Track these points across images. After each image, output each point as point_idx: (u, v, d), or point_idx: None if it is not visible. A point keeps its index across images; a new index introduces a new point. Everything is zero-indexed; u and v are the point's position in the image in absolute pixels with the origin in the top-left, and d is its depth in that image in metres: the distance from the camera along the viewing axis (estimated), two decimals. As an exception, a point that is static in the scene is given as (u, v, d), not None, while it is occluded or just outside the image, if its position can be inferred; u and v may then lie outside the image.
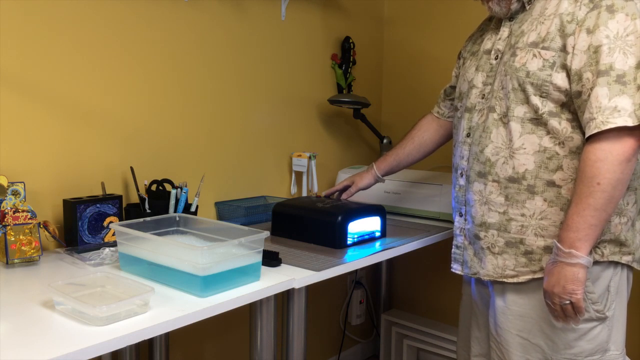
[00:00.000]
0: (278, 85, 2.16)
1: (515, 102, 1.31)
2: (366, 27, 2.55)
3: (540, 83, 1.26)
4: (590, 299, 1.27)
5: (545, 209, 1.30)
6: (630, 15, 1.17)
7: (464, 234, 1.47)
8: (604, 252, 1.28)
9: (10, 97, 1.46)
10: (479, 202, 1.40)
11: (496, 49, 1.40)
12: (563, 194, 1.28)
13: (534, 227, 1.31)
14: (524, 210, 1.32)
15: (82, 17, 1.57)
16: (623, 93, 1.14)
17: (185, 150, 1.86)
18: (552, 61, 1.25)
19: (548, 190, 1.29)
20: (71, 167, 1.58)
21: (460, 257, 1.50)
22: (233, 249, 1.25)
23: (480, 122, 1.40)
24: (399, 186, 2.07)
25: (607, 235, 1.27)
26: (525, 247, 1.33)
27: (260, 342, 1.34)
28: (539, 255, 1.31)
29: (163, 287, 1.21)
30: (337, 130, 2.45)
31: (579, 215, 1.18)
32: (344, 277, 2.56)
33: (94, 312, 1.00)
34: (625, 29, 1.17)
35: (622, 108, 1.14)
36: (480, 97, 1.42)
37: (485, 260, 1.40)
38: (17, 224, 1.35)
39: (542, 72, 1.26)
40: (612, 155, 1.15)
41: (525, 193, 1.32)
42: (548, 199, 1.29)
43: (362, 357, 2.72)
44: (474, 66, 1.46)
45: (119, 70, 1.67)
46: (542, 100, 1.27)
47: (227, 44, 1.96)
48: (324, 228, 1.60)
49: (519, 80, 1.30)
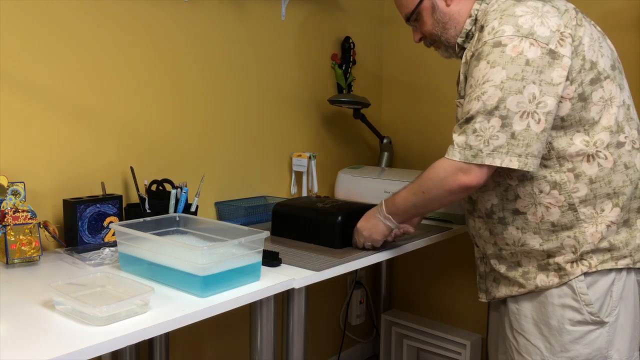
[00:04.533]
0: (278, 85, 2.16)
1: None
2: (366, 27, 2.55)
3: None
4: (584, 300, 1.27)
5: (520, 236, 1.34)
6: (490, 62, 1.22)
7: (484, 262, 1.51)
8: (591, 262, 1.27)
9: (10, 97, 1.46)
10: (477, 236, 1.48)
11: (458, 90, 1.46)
12: (530, 219, 1.32)
13: (521, 252, 1.36)
14: (506, 239, 1.37)
15: (82, 17, 1.57)
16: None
17: (186, 150, 1.86)
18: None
19: (516, 219, 1.34)
20: (71, 167, 1.58)
21: (483, 285, 1.53)
22: (233, 249, 1.25)
23: None
24: (399, 186, 2.06)
25: (587, 247, 1.27)
26: (523, 269, 1.37)
27: (260, 342, 1.34)
28: (534, 274, 1.35)
29: (163, 287, 1.21)
30: (337, 130, 2.45)
31: (404, 200, 1.41)
32: (344, 277, 2.56)
33: (94, 312, 1.00)
34: (483, 77, 1.22)
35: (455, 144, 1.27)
36: None
37: (500, 285, 1.45)
38: (17, 224, 1.35)
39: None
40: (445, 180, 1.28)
41: (500, 225, 1.38)
42: (519, 226, 1.34)
43: (362, 357, 2.72)
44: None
45: (119, 70, 1.67)
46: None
47: (227, 44, 1.96)
48: (324, 228, 1.60)
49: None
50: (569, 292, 1.29)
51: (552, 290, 1.31)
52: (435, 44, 1.50)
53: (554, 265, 1.31)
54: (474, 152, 1.23)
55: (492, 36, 1.23)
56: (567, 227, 1.29)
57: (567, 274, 1.29)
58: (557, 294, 1.30)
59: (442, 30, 1.43)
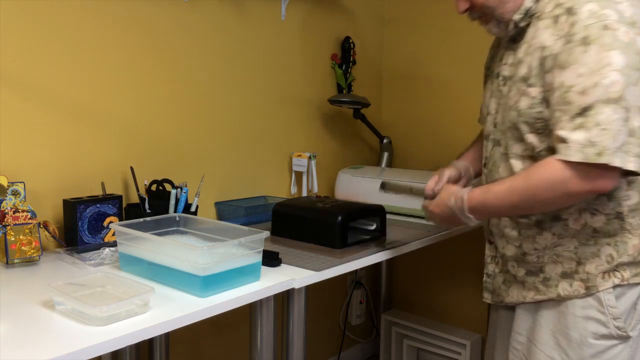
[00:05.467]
0: (278, 85, 2.16)
1: (512, 139, 1.27)
2: (366, 27, 2.55)
3: (533, 121, 1.21)
4: (612, 313, 1.21)
5: (556, 241, 1.26)
6: (606, 46, 1.08)
7: (495, 262, 1.43)
8: (624, 275, 1.21)
9: (10, 97, 1.46)
10: (497, 235, 1.38)
11: (502, 75, 1.33)
12: (571, 226, 1.23)
13: (549, 255, 1.27)
14: (536, 244, 1.28)
15: (82, 17, 1.57)
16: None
17: (186, 150, 1.86)
18: (540, 97, 1.19)
19: (555, 225, 1.25)
20: (71, 167, 1.58)
21: (490, 285, 1.45)
22: (233, 249, 1.25)
23: (491, 153, 1.36)
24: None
25: (625, 258, 1.21)
26: (544, 275, 1.29)
27: (260, 342, 1.34)
28: (555, 281, 1.27)
29: (163, 287, 1.21)
30: (337, 130, 2.45)
31: (500, 200, 1.21)
32: (344, 277, 2.56)
33: (94, 312, 1.00)
34: (599, 61, 1.07)
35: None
36: (492, 125, 1.36)
37: (512, 288, 1.38)
38: (17, 224, 1.35)
39: (532, 109, 1.20)
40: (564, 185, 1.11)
41: (534, 228, 1.28)
42: (557, 232, 1.25)
43: (362, 357, 2.72)
44: (490, 90, 1.40)
45: (119, 70, 1.67)
46: (538, 137, 1.21)
47: (227, 44, 1.96)
48: (324, 228, 1.60)
49: (512, 119, 1.25)
50: (594, 303, 1.22)
51: (574, 301, 1.24)
52: (484, 17, 1.33)
53: (583, 275, 1.23)
54: (598, 150, 1.06)
55: (596, 19, 1.09)
56: (609, 235, 1.21)
57: (595, 285, 1.21)
58: (581, 305, 1.23)
59: (498, 3, 1.26)
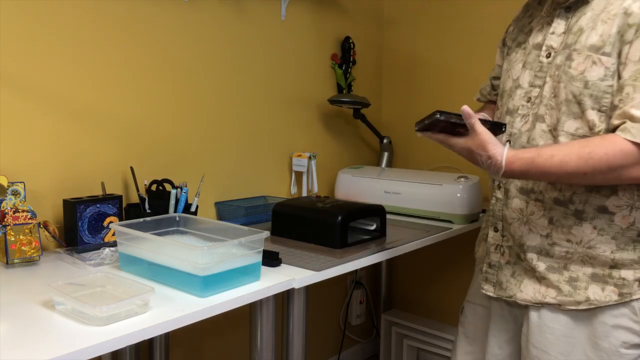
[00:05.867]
0: (278, 85, 2.16)
1: (567, 114, 1.14)
2: (366, 27, 2.55)
3: (601, 95, 1.10)
4: None
5: (594, 237, 1.14)
6: None
7: (501, 251, 1.30)
8: None
9: (10, 97, 1.46)
10: (519, 220, 1.24)
11: (548, 46, 1.21)
12: (616, 222, 1.13)
13: (581, 254, 1.16)
14: (570, 236, 1.16)
15: (82, 17, 1.57)
16: None
17: (186, 150, 1.86)
18: (614, 70, 1.09)
19: (599, 217, 1.14)
20: (71, 167, 1.58)
21: (493, 277, 1.31)
22: (233, 249, 1.25)
23: (524, 129, 1.22)
24: (399, 186, 2.07)
25: None
26: (570, 274, 1.18)
27: (260, 342, 1.34)
28: (585, 283, 1.16)
29: (163, 287, 1.21)
30: (337, 130, 2.45)
31: (548, 167, 1.08)
32: (344, 277, 2.56)
33: (94, 312, 1.00)
34: None
35: None
36: (525, 99, 1.23)
37: (526, 283, 1.24)
38: (17, 224, 1.35)
39: (604, 82, 1.09)
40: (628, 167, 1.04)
41: (572, 218, 1.16)
42: (598, 226, 1.14)
43: (362, 357, 2.72)
44: (521, 62, 1.27)
45: (119, 70, 1.67)
46: (600, 116, 1.10)
47: (227, 43, 1.96)
48: (324, 228, 1.60)
49: (574, 91, 1.12)
50: (627, 312, 1.14)
51: (604, 308, 1.14)
52: None
53: (618, 280, 1.14)
54: None
55: None
56: None
57: (631, 292, 1.13)
58: (612, 313, 1.14)
59: None
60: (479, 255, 1.40)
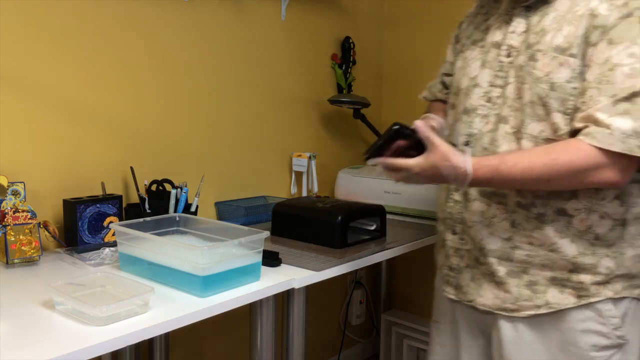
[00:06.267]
0: (278, 85, 2.16)
1: (531, 117, 1.11)
2: (366, 27, 2.55)
3: (566, 97, 1.07)
4: (613, 324, 1.13)
5: (555, 241, 1.13)
6: None
7: (461, 255, 1.27)
8: (617, 287, 1.13)
9: (10, 97, 1.46)
10: (480, 223, 1.20)
11: (508, 45, 1.18)
12: (574, 225, 1.12)
13: (542, 258, 1.14)
14: (532, 239, 1.15)
15: (82, 17, 1.57)
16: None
17: (186, 150, 1.86)
18: (579, 71, 1.07)
19: (558, 220, 1.12)
20: (71, 167, 1.58)
21: (455, 280, 1.29)
22: (233, 249, 1.25)
23: (485, 130, 1.19)
24: (398, 186, 2.07)
25: (621, 270, 1.12)
26: (529, 277, 1.16)
27: (260, 342, 1.34)
28: (544, 287, 1.15)
29: (163, 287, 1.21)
30: (337, 130, 2.45)
31: (512, 175, 1.06)
32: (344, 277, 2.56)
33: (94, 312, 1.00)
34: None
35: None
36: (484, 99, 1.21)
37: (485, 287, 1.22)
38: (17, 224, 1.35)
39: (570, 84, 1.07)
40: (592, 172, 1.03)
41: (534, 221, 1.14)
42: (558, 229, 1.12)
43: (362, 357, 2.72)
44: (479, 60, 1.24)
45: (119, 70, 1.67)
46: (564, 118, 1.08)
47: (227, 43, 1.96)
48: (324, 228, 1.60)
49: (540, 93, 1.10)
50: (592, 315, 1.13)
51: (570, 314, 1.14)
52: None
53: (576, 284, 1.13)
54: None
55: None
56: (607, 244, 1.12)
57: (588, 295, 1.12)
58: (579, 318, 1.13)
59: None
60: (440, 262, 1.36)
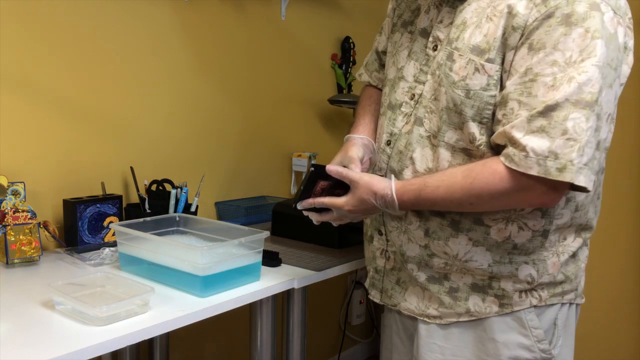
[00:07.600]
0: (278, 85, 2.16)
1: (447, 124, 1.03)
2: (366, 27, 2.55)
3: (483, 106, 0.98)
4: (536, 336, 1.07)
5: (470, 249, 1.06)
6: (591, 32, 0.88)
7: (387, 256, 1.20)
8: (542, 295, 1.07)
9: (10, 97, 1.46)
10: (398, 229, 1.14)
11: (435, 36, 1.09)
12: (492, 235, 1.05)
13: (459, 267, 1.09)
14: (446, 249, 1.08)
15: (82, 17, 1.57)
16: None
17: (186, 150, 1.86)
18: (497, 77, 0.97)
19: (474, 230, 1.05)
20: (71, 167, 1.58)
21: (380, 282, 1.23)
22: (233, 249, 1.25)
23: (403, 131, 1.12)
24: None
25: (545, 278, 1.06)
26: (451, 284, 1.10)
27: (260, 342, 1.34)
28: (465, 294, 1.09)
29: (163, 287, 1.21)
30: (337, 130, 2.45)
31: (434, 198, 1.01)
32: (344, 277, 2.56)
33: (94, 312, 1.00)
34: (582, 50, 0.88)
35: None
36: (408, 95, 1.12)
37: (410, 291, 1.17)
38: (17, 224, 1.35)
39: (486, 92, 0.98)
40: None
41: (448, 229, 1.07)
42: (474, 238, 1.06)
43: (362, 357, 2.72)
44: (407, 49, 1.14)
45: (119, 70, 1.67)
46: (480, 128, 1.00)
47: (227, 43, 1.96)
48: (323, 228, 1.59)
49: (455, 99, 1.01)
50: (515, 325, 1.07)
51: (492, 324, 1.08)
52: None
53: (498, 290, 1.07)
54: (561, 164, 0.88)
55: None
56: (527, 252, 1.05)
57: (511, 303, 1.07)
58: (500, 328, 1.07)
59: None
60: (367, 257, 1.30)
